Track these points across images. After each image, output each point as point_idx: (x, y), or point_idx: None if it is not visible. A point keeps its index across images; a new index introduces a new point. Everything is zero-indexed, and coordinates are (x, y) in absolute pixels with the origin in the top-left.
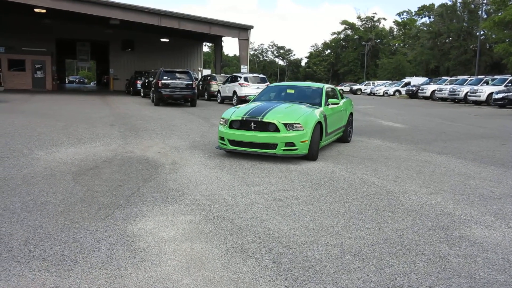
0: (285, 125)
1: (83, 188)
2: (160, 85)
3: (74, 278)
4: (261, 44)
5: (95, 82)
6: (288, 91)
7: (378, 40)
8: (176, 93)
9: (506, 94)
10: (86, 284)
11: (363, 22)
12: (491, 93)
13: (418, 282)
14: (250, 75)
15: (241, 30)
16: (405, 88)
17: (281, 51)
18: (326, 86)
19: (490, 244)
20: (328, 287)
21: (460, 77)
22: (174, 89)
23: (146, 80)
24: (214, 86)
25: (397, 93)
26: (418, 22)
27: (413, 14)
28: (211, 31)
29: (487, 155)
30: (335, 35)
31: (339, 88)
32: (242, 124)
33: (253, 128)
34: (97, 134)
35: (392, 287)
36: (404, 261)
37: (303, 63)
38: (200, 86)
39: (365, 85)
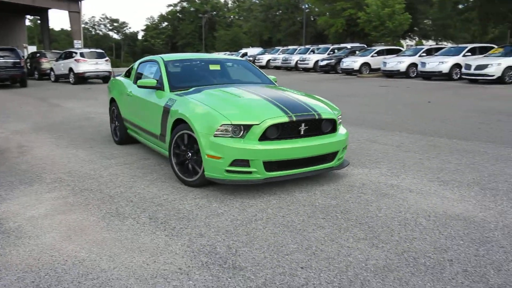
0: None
1: None
2: None
3: None
4: (92, 16)
5: None
6: (212, 67)
7: (214, 13)
8: (1, 74)
9: (329, 61)
10: None
11: None
12: (317, 61)
13: (273, 214)
14: (87, 50)
15: (71, 2)
16: (243, 58)
17: (115, 24)
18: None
19: (324, 179)
20: (203, 230)
21: (291, 47)
22: None
23: None
24: (46, 64)
25: None
26: None
27: None
28: (35, 2)
29: None
30: (171, 7)
31: None
32: (286, 130)
33: (302, 133)
34: None
35: (254, 221)
36: (261, 201)
37: (140, 37)
38: (28, 64)
39: None
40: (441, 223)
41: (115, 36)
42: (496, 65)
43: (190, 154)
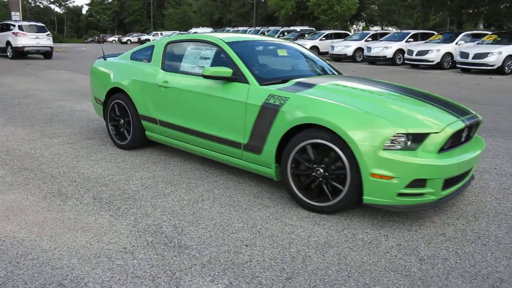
0: None
1: None
2: None
3: None
4: None
5: None
6: (280, 53)
7: None
8: None
9: None
10: None
11: None
12: None
13: (220, 194)
14: (26, 23)
15: None
16: None
17: None
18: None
19: None
20: (149, 210)
21: (241, 28)
22: None
23: None
24: None
25: None
26: None
27: None
28: None
29: None
30: None
31: (126, 39)
32: (457, 137)
33: (463, 140)
34: None
35: (201, 201)
36: (208, 181)
37: (84, 11)
38: None
39: (153, 35)
40: None
41: (57, 9)
42: (435, 51)
43: (321, 171)
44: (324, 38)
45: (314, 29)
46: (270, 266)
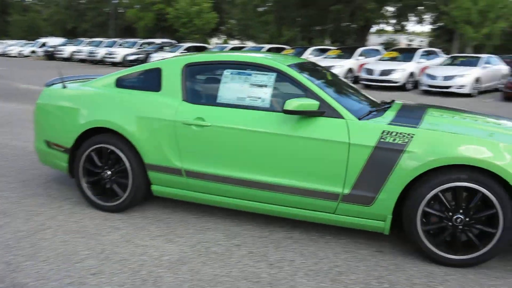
0: None
1: None
2: None
3: None
4: None
5: None
6: (329, 76)
7: None
8: None
9: (138, 56)
10: None
11: None
12: (125, 55)
13: (65, 221)
14: None
15: None
16: (42, 49)
17: None
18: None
19: None
20: None
21: (97, 39)
22: None
23: None
24: None
25: (33, 54)
26: None
27: None
28: None
29: None
30: None
31: None
32: None
33: None
34: None
35: (42, 231)
36: (51, 208)
37: None
38: None
39: None
40: (233, 212)
41: None
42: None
43: (462, 218)
44: (184, 51)
45: (175, 42)
46: None
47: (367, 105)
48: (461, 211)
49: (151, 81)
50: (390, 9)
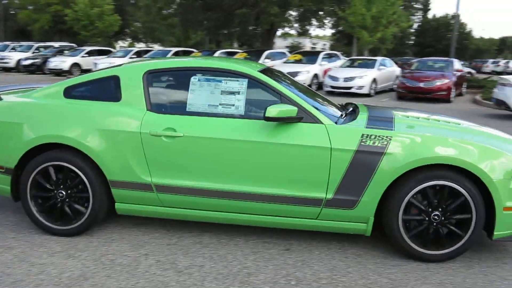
0: None
1: None
2: None
3: None
4: None
5: None
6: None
7: None
8: None
9: (34, 61)
10: None
11: None
12: (20, 60)
13: None
14: None
15: None
16: None
17: None
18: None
19: None
20: None
21: None
22: None
23: None
24: None
25: None
26: None
27: None
28: None
29: None
30: None
31: None
32: None
33: None
34: None
35: None
36: None
37: None
38: None
39: None
40: (140, 220)
41: None
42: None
43: (439, 215)
44: (86, 55)
45: (75, 45)
46: None
47: (336, 109)
48: (439, 209)
49: (108, 90)
50: (293, 13)
